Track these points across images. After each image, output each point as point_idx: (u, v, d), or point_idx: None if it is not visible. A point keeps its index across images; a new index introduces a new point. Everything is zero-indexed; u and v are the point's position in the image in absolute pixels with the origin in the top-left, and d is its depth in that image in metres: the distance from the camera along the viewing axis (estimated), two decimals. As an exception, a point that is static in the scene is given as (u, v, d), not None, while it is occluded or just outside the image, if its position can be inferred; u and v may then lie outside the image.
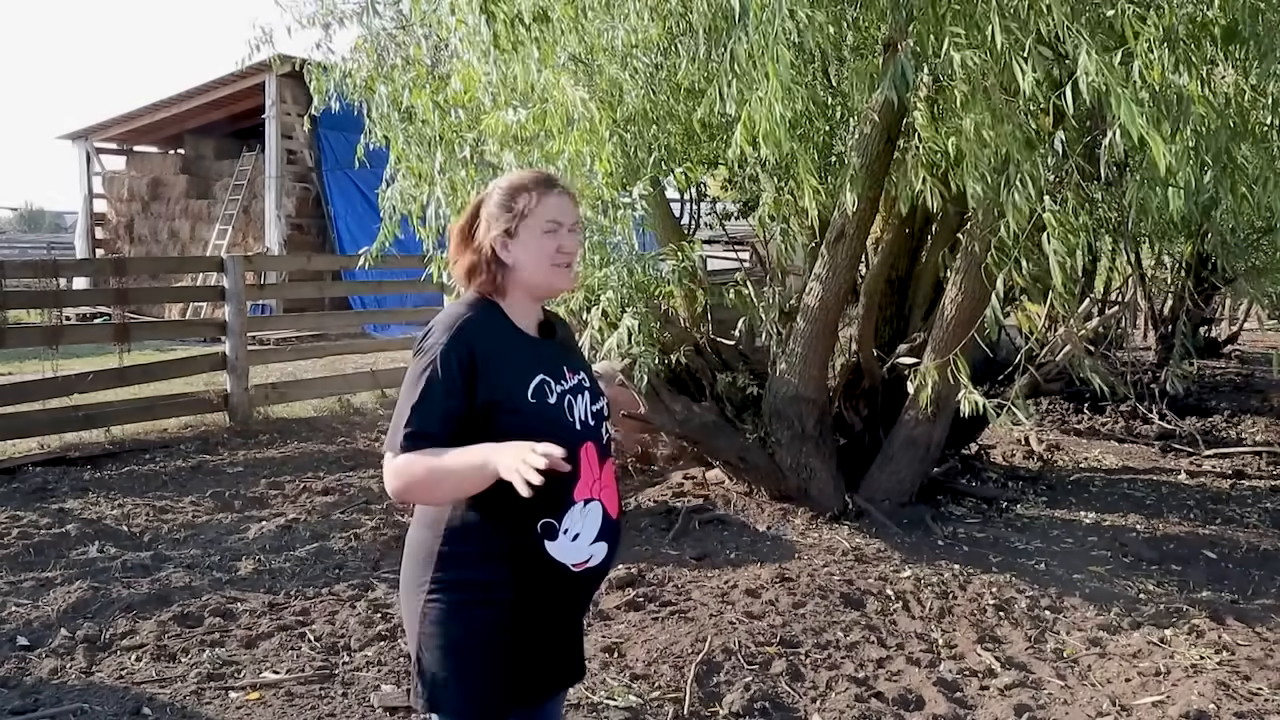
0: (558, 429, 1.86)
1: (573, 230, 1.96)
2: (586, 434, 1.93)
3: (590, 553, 1.92)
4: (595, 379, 2.03)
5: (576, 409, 1.93)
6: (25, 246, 26.46)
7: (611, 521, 1.96)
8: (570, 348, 2.08)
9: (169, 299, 11.34)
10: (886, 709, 3.31)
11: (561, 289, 2.03)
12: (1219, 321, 12.08)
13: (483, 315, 1.90)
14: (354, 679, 3.45)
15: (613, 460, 2.00)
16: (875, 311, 5.46)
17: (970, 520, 5.49)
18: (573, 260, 1.97)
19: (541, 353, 1.95)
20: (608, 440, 1.99)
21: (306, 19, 5.07)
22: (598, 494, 1.92)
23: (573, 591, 1.98)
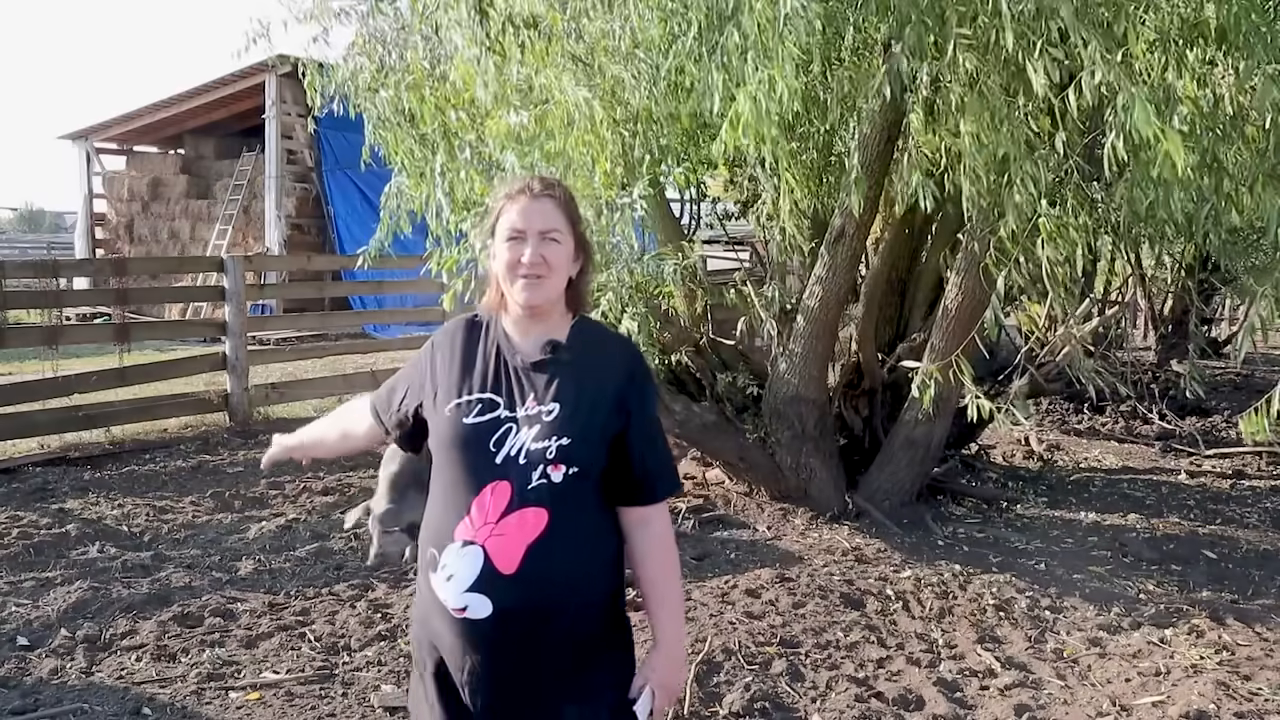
0: (469, 453, 1.73)
1: (547, 238, 1.76)
2: (505, 471, 1.70)
3: (466, 601, 1.69)
4: (585, 421, 1.73)
5: (510, 441, 1.71)
6: (25, 246, 26.46)
7: (496, 575, 1.68)
8: (567, 376, 1.77)
9: (169, 299, 11.34)
10: (886, 709, 3.31)
11: (524, 304, 1.77)
12: (1219, 321, 12.07)
13: (464, 326, 1.87)
14: (354, 679, 3.45)
15: (544, 511, 1.69)
16: (875, 311, 5.46)
17: (970, 520, 5.49)
18: (533, 272, 1.75)
19: (504, 372, 1.78)
20: (540, 487, 1.69)
21: (304, 14, 5.06)
22: (483, 540, 1.69)
23: (475, 646, 1.72)
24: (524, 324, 1.82)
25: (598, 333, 1.90)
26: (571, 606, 1.74)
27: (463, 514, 1.71)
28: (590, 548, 1.77)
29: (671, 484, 1.84)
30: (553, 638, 1.74)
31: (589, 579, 1.77)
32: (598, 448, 1.74)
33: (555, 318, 1.83)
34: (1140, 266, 8.76)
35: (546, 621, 1.72)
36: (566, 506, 1.71)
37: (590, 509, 1.77)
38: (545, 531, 1.69)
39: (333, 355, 10.03)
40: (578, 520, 1.73)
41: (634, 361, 1.86)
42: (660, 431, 1.87)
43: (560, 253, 1.78)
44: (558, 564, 1.70)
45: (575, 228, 1.82)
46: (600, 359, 1.82)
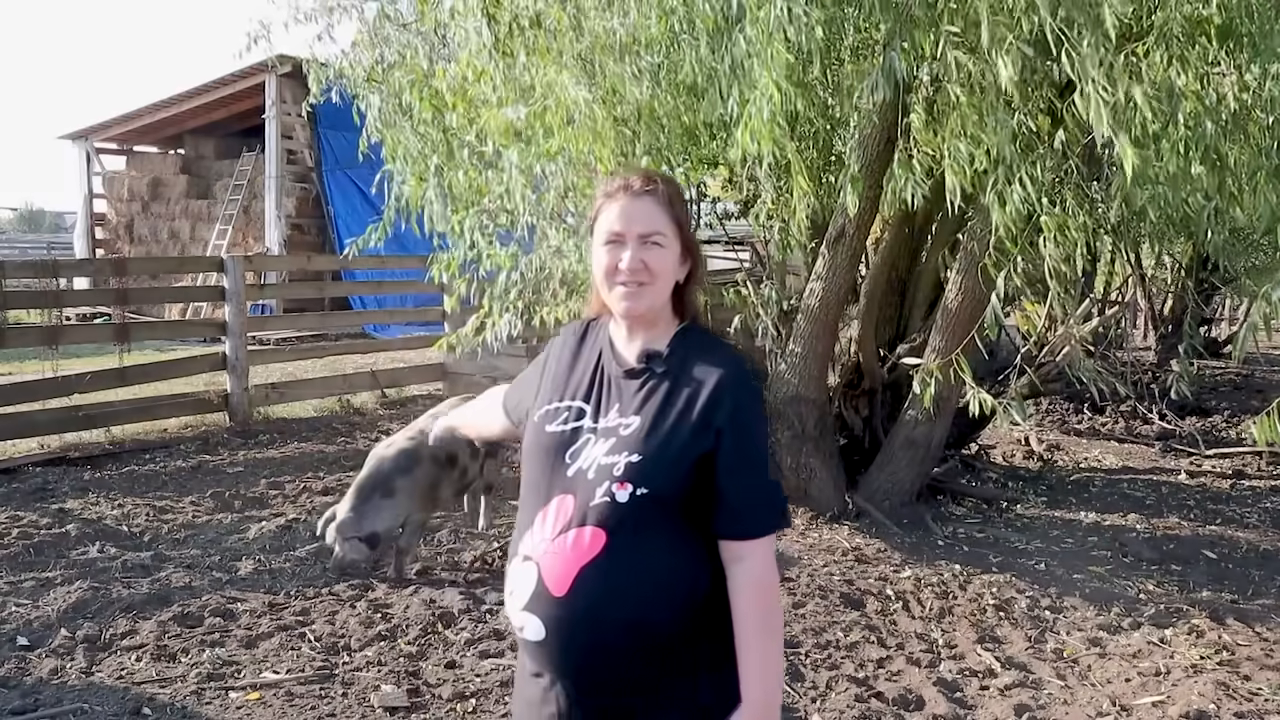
0: (544, 462, 1.64)
1: (648, 242, 1.60)
2: (573, 484, 1.58)
3: (523, 621, 1.58)
4: (663, 439, 1.57)
5: (585, 453, 1.59)
6: (25, 246, 26.46)
7: (546, 596, 1.55)
8: (657, 389, 1.61)
9: (169, 299, 11.36)
10: (886, 709, 3.31)
11: (623, 313, 1.64)
12: (1219, 321, 12.08)
13: (579, 329, 1.78)
14: (354, 679, 3.45)
15: (603, 533, 1.54)
16: (875, 311, 5.46)
17: (970, 520, 5.49)
18: (633, 279, 1.60)
19: (599, 380, 1.67)
20: (601, 505, 1.55)
21: (305, 14, 5.07)
22: (538, 556, 1.58)
23: (539, 665, 1.61)
24: (626, 332, 1.68)
25: (702, 342, 1.68)
26: (623, 641, 1.55)
27: (528, 527, 1.62)
28: (654, 579, 1.56)
29: (770, 519, 1.60)
30: (604, 675, 1.57)
31: (646, 613, 1.55)
32: (675, 468, 1.55)
33: (661, 326, 1.67)
34: (1140, 266, 8.76)
35: (595, 655, 1.55)
36: (630, 529, 1.54)
37: (662, 535, 1.56)
38: (601, 554, 1.53)
39: (333, 355, 10.03)
40: (642, 546, 1.54)
41: (733, 376, 1.61)
42: (763, 458, 1.62)
43: (663, 257, 1.62)
44: (609, 592, 1.53)
45: (681, 228, 1.65)
46: (696, 371, 1.61)
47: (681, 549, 1.58)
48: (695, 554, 1.59)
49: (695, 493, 1.56)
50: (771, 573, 1.60)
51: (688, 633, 1.59)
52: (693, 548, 1.59)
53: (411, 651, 3.67)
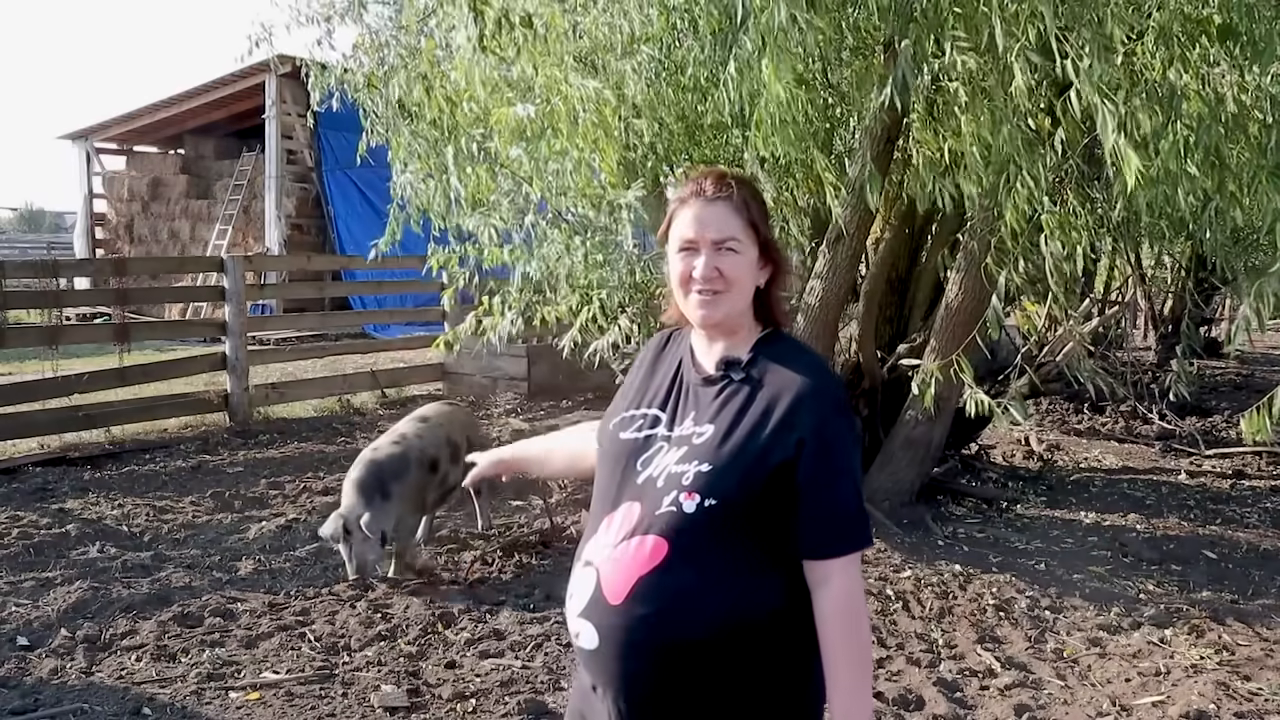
0: (616, 468, 1.60)
1: (723, 248, 1.55)
2: (641, 492, 1.54)
3: (578, 627, 1.55)
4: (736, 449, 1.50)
5: (656, 461, 1.55)
6: (25, 246, 26.45)
7: (603, 603, 1.51)
8: (734, 398, 1.55)
9: (169, 299, 11.36)
10: (886, 709, 3.31)
11: (699, 322, 1.60)
12: (1219, 321, 12.07)
13: (662, 338, 1.75)
14: (354, 679, 3.45)
15: (665, 543, 1.49)
16: (875, 311, 5.46)
17: (970, 520, 5.49)
18: (708, 287, 1.56)
19: (677, 388, 1.63)
20: (667, 515, 1.49)
21: (306, 17, 5.07)
22: (599, 562, 1.54)
23: (592, 675, 1.57)
24: (706, 340, 1.64)
25: (785, 351, 1.60)
26: (676, 659, 1.48)
27: (594, 532, 1.58)
28: (718, 596, 1.48)
29: (852, 538, 1.51)
30: (655, 692, 1.50)
31: (701, 631, 1.47)
32: (748, 479, 1.48)
33: (743, 333, 1.61)
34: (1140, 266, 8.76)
35: (647, 669, 1.49)
36: (694, 541, 1.48)
37: (728, 550, 1.49)
38: (662, 565, 1.48)
39: (333, 355, 10.04)
40: (705, 560, 1.48)
41: (817, 387, 1.53)
42: (848, 475, 1.53)
43: (739, 264, 1.56)
44: (666, 605, 1.47)
45: (758, 232, 1.58)
46: (777, 379, 1.54)
47: (748, 567, 1.50)
48: (764, 573, 1.51)
49: (768, 507, 1.49)
50: (857, 596, 1.51)
51: (751, 656, 1.50)
52: (762, 566, 1.51)
53: (411, 651, 3.67)
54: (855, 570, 1.52)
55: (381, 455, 4.31)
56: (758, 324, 1.63)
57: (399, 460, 4.31)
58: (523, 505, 5.46)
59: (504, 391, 8.54)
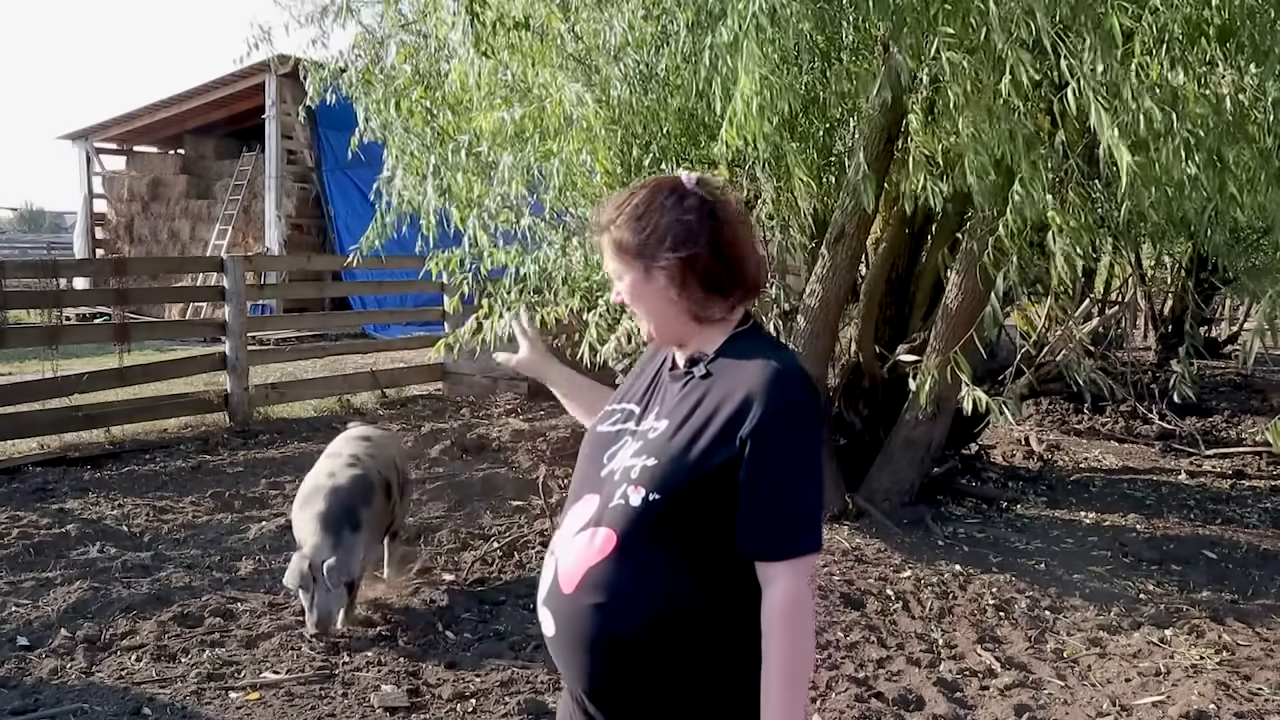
0: (584, 460, 1.65)
1: (618, 280, 1.63)
2: (602, 485, 1.57)
3: (541, 615, 1.59)
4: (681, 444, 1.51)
5: (619, 455, 1.58)
6: (25, 246, 26.44)
7: (558, 592, 1.55)
8: (692, 393, 1.56)
9: (169, 299, 11.36)
10: (886, 709, 3.31)
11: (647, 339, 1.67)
12: (1219, 321, 12.08)
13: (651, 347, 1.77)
14: (354, 679, 3.45)
15: (611, 532, 1.51)
16: (875, 311, 5.46)
17: (970, 520, 5.49)
18: (631, 312, 1.61)
19: (649, 385, 1.67)
20: (617, 508, 1.52)
21: (305, 17, 5.08)
22: (559, 551, 1.58)
23: (555, 661, 1.62)
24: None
25: (750, 348, 1.57)
26: (617, 651, 1.50)
27: (563, 523, 1.62)
28: (656, 590, 1.49)
29: (793, 542, 1.48)
30: (603, 683, 1.52)
31: (640, 625, 1.49)
32: (689, 476, 1.48)
33: (698, 335, 1.60)
34: (1140, 266, 8.76)
35: (593, 660, 1.51)
36: (639, 535, 1.49)
37: (671, 546, 1.49)
38: (609, 557, 1.50)
39: (333, 355, 10.04)
40: (648, 554, 1.49)
41: (770, 382, 1.49)
42: (795, 477, 1.49)
43: (630, 290, 1.60)
44: (609, 597, 1.49)
45: (634, 258, 1.57)
46: (733, 376, 1.53)
47: (691, 562, 1.50)
48: (708, 570, 1.50)
49: (712, 505, 1.48)
50: (801, 600, 1.46)
51: (694, 652, 1.50)
52: (706, 563, 1.50)
53: (411, 651, 3.67)
54: (803, 574, 1.48)
55: (343, 481, 3.83)
56: (716, 322, 1.60)
57: (363, 484, 3.86)
58: (523, 505, 5.46)
59: (504, 391, 8.54)
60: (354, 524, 3.71)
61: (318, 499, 3.74)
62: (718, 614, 1.50)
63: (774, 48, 3.26)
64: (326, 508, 3.70)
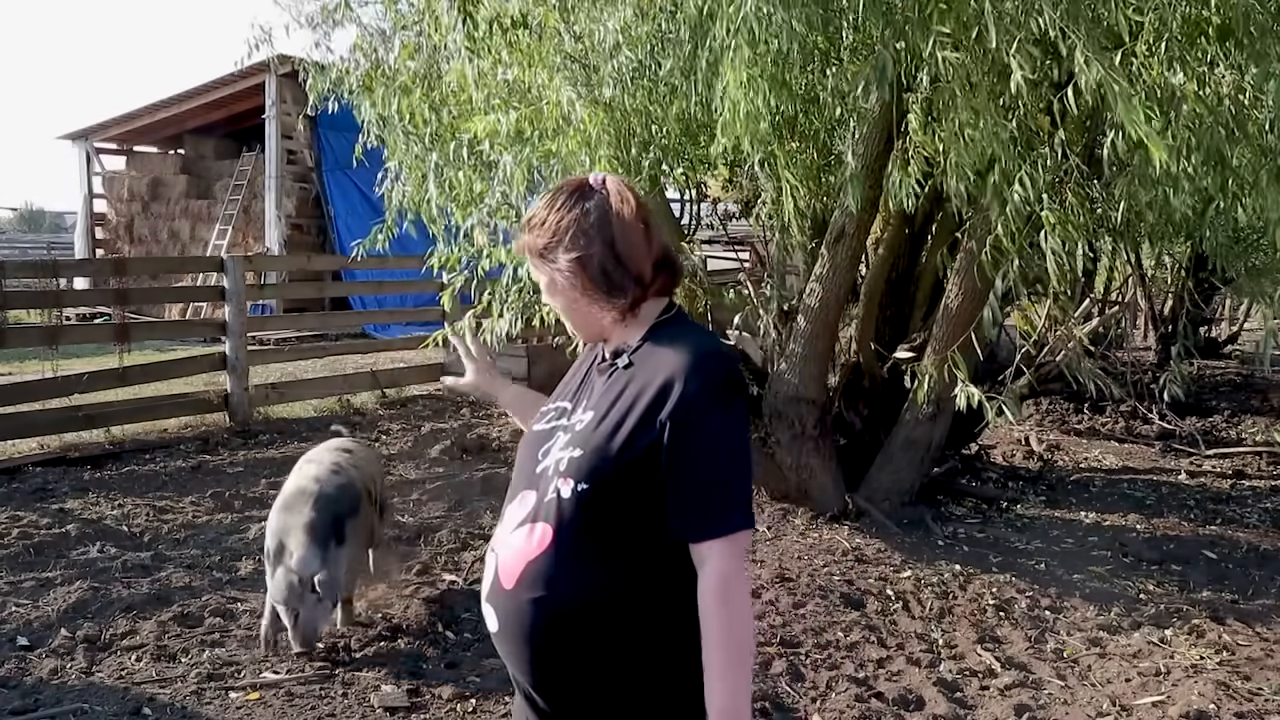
0: (520, 458, 1.68)
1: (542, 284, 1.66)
2: (537, 481, 1.59)
3: (485, 611, 1.62)
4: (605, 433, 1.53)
5: (552, 450, 1.59)
6: (25, 246, 26.45)
7: (499, 588, 1.56)
8: (616, 383, 1.58)
9: (169, 299, 11.35)
10: (886, 709, 3.31)
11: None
12: (1219, 321, 12.07)
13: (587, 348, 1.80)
14: (354, 679, 3.45)
15: (547, 527, 1.53)
16: (875, 311, 5.46)
17: (970, 520, 5.49)
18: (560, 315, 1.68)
19: (581, 381, 1.70)
20: (550, 502, 1.53)
21: (305, 18, 5.08)
22: (498, 548, 1.60)
23: (502, 656, 1.63)
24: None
25: (672, 335, 1.59)
26: (560, 642, 1.52)
27: (502, 520, 1.64)
28: (593, 580, 1.51)
29: (721, 521, 1.47)
30: (546, 675, 1.55)
31: (584, 616, 1.51)
32: (614, 463, 1.50)
33: (619, 330, 1.63)
34: (1140, 266, 8.76)
35: (536, 653, 1.54)
36: (573, 527, 1.51)
37: (607, 534, 1.51)
38: (546, 550, 1.52)
39: (333, 355, 10.04)
40: (584, 545, 1.51)
41: (691, 365, 1.50)
42: (718, 456, 1.49)
43: (545, 291, 1.65)
44: (549, 589, 1.51)
45: (542, 260, 1.61)
46: (655, 363, 1.54)
47: (627, 551, 1.51)
48: (645, 556, 1.52)
49: (642, 490, 1.50)
50: (733, 579, 1.47)
51: (637, 641, 1.52)
52: (643, 549, 1.52)
53: (411, 651, 3.67)
54: (734, 553, 1.48)
55: (330, 489, 3.60)
56: (634, 315, 1.61)
57: (349, 492, 3.66)
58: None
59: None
60: (340, 536, 3.53)
61: (304, 505, 3.52)
62: (656, 598, 1.52)
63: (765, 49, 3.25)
64: (314, 518, 3.48)
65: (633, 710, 1.54)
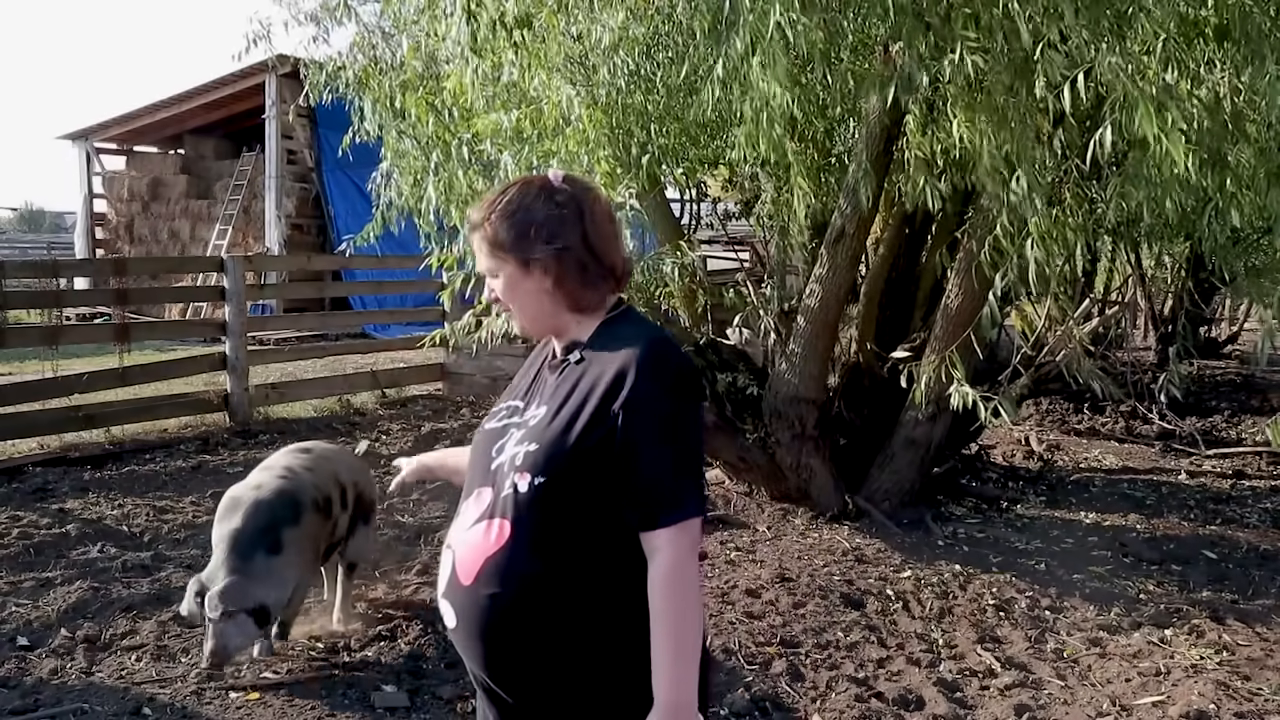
0: (474, 457, 1.69)
1: (491, 277, 1.66)
2: (492, 478, 1.59)
3: (442, 608, 1.62)
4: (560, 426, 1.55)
5: (506, 447, 1.60)
6: (25, 246, 26.45)
7: (457, 584, 1.58)
8: (569, 378, 1.60)
9: (169, 299, 11.35)
10: (886, 709, 3.31)
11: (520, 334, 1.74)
12: (1219, 321, 12.07)
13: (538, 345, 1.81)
14: (354, 679, 3.45)
15: (505, 522, 1.54)
16: (875, 311, 5.46)
17: (970, 520, 5.49)
18: (501, 308, 1.68)
19: (532, 380, 1.72)
20: (508, 497, 1.55)
21: (304, 15, 5.08)
22: (456, 546, 1.61)
23: (460, 652, 1.65)
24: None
25: (623, 329, 1.63)
26: (521, 635, 1.53)
27: (457, 517, 1.65)
28: (556, 574, 1.52)
29: (672, 509, 1.49)
30: (504, 669, 1.56)
31: (544, 608, 1.52)
32: (569, 456, 1.51)
33: (572, 326, 1.65)
34: (1140, 266, 8.76)
35: (494, 648, 1.55)
36: (530, 521, 1.52)
37: (564, 527, 1.53)
38: (505, 545, 1.53)
39: (333, 355, 10.04)
40: (543, 538, 1.52)
41: (641, 357, 1.53)
42: (669, 444, 1.51)
43: (505, 286, 1.64)
44: (508, 584, 1.52)
45: (510, 248, 1.60)
46: (606, 356, 1.56)
47: (583, 543, 1.53)
48: (603, 549, 1.54)
49: (597, 482, 1.51)
50: (685, 567, 1.49)
51: (594, 632, 1.54)
52: (600, 541, 1.54)
53: (411, 651, 3.67)
54: (686, 542, 1.49)
55: (267, 494, 3.35)
56: (586, 312, 1.64)
57: (288, 501, 3.37)
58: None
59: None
60: (273, 545, 3.23)
61: (235, 514, 3.28)
62: (611, 589, 1.54)
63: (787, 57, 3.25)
64: (242, 525, 3.24)
65: (590, 699, 1.56)
